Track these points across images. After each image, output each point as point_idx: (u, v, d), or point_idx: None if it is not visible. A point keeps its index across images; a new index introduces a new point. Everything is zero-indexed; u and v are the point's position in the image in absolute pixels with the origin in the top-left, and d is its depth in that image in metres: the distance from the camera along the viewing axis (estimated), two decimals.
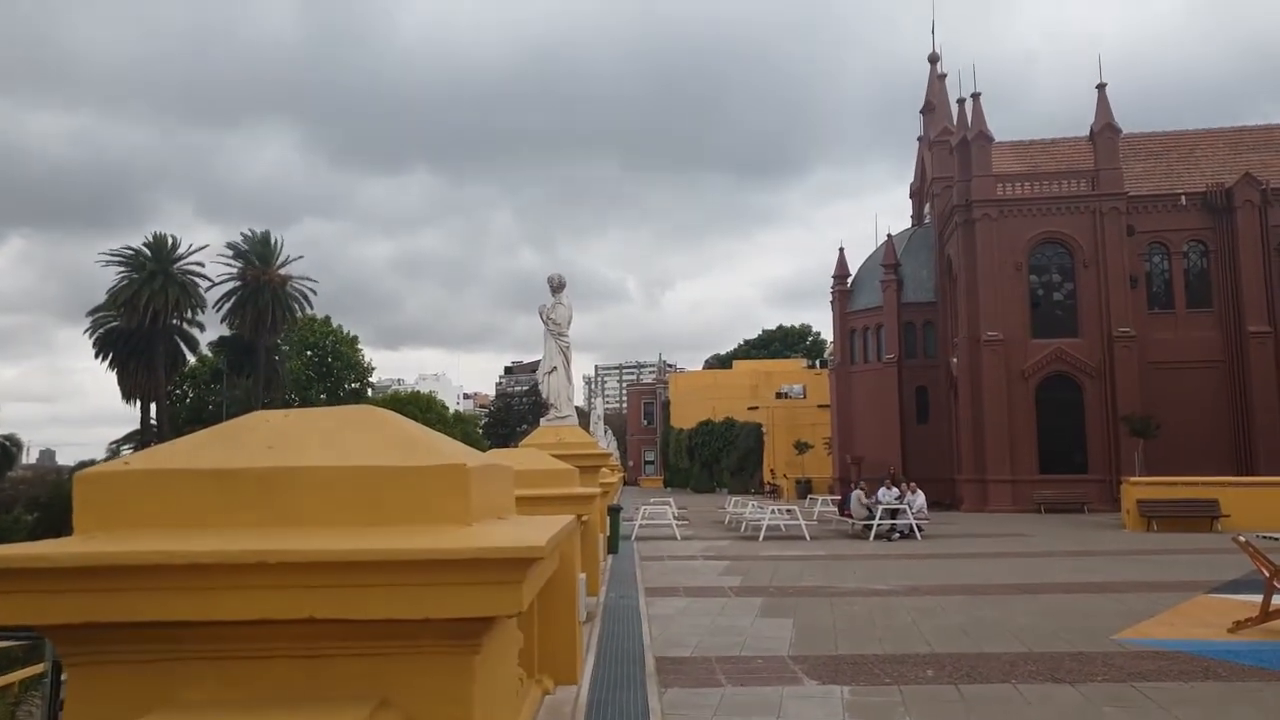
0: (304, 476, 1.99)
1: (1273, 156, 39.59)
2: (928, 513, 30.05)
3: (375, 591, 1.79)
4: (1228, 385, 36.76)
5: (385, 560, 1.79)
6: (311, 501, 1.98)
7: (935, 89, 48.00)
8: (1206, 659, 8.45)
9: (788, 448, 60.11)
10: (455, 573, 1.83)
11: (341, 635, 1.84)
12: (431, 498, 2.05)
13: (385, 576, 1.80)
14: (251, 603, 1.76)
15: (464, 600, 1.84)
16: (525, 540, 1.90)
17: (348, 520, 1.98)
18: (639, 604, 11.88)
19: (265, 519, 1.95)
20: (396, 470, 2.03)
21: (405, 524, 2.00)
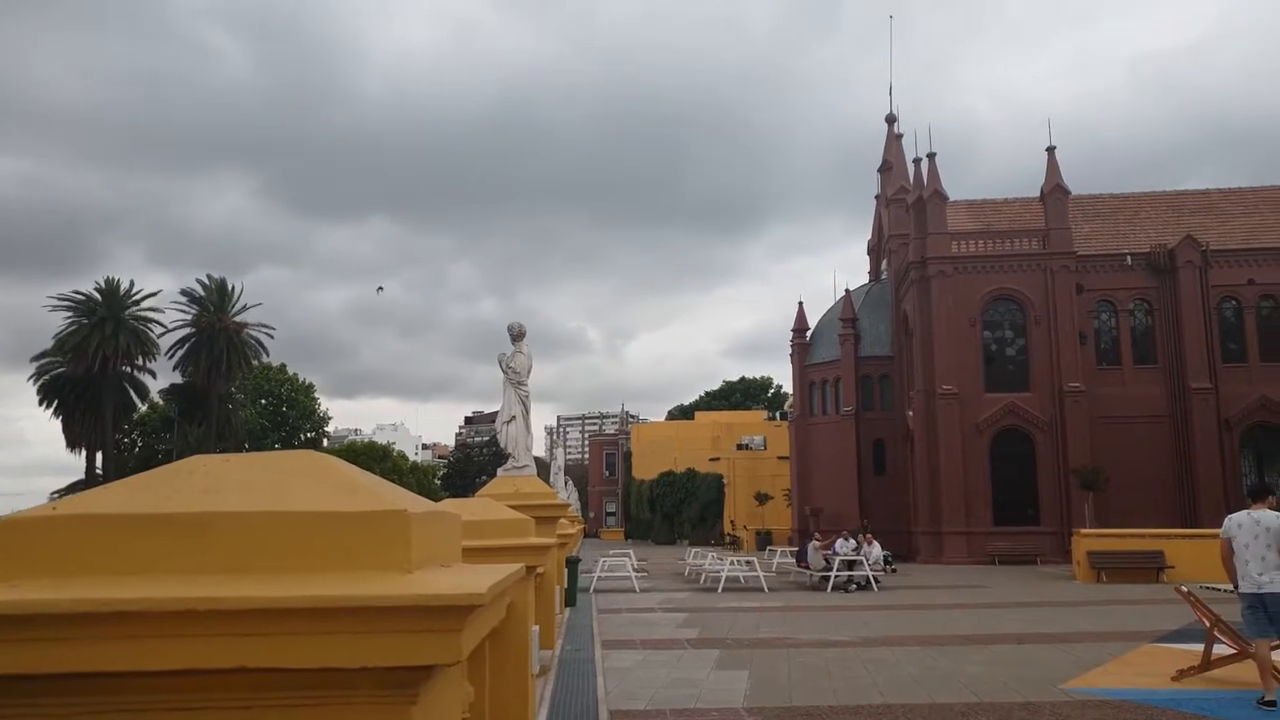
0: (241, 522, 1.98)
1: (1211, 220, 41.05)
2: (884, 564, 30.25)
3: (309, 640, 1.77)
4: (1172, 439, 37.59)
5: (319, 607, 1.78)
6: (248, 547, 1.97)
7: (892, 149, 49.23)
8: (1151, 707, 8.55)
9: (748, 499, 60.12)
10: (393, 620, 1.82)
11: (275, 685, 1.81)
12: (371, 544, 2.04)
13: (319, 624, 1.78)
14: (180, 652, 1.74)
15: (401, 649, 1.83)
16: (466, 587, 1.91)
17: (285, 567, 1.97)
18: (595, 657, 11.74)
19: (200, 565, 1.94)
20: (336, 516, 2.03)
21: (344, 571, 2.00)
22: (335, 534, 2.00)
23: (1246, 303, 38.52)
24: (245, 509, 1.97)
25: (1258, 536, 9.00)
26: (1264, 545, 8.95)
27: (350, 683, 1.84)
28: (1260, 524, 9.03)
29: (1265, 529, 8.97)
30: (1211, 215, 41.55)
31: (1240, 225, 40.78)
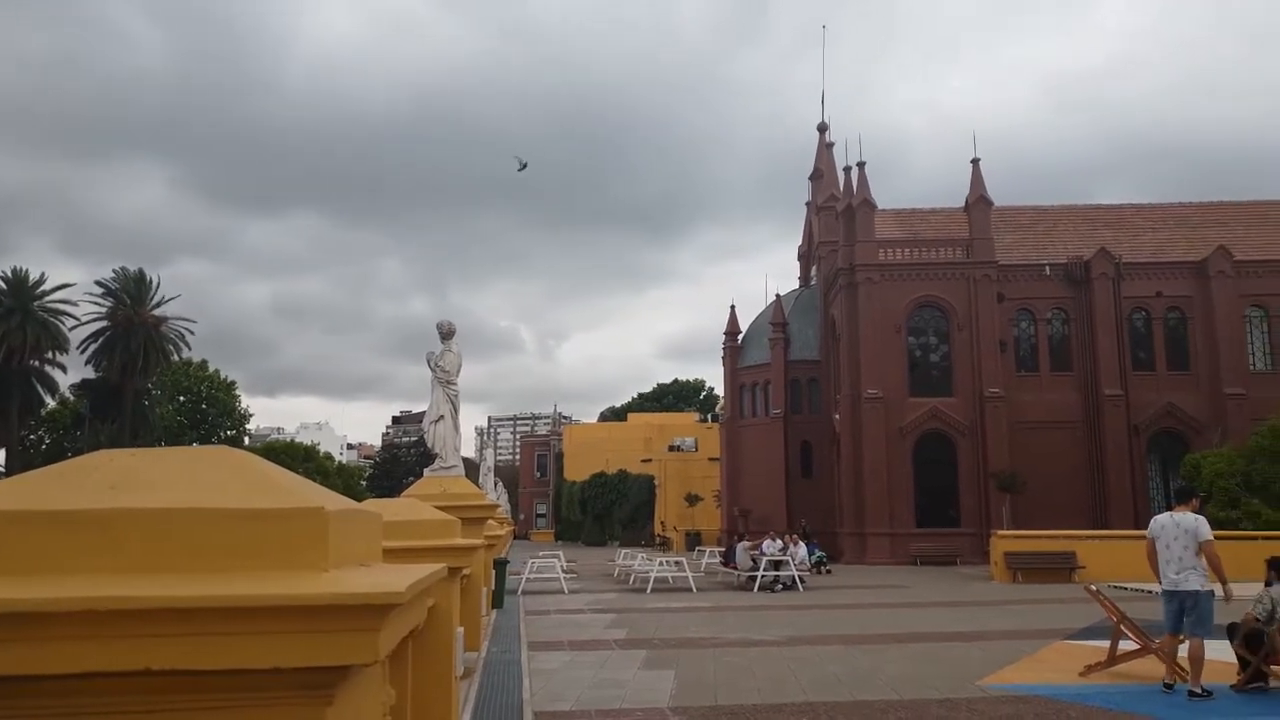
0: (149, 519, 1.93)
1: (1124, 234, 42.69)
2: (810, 565, 30.70)
3: (219, 640, 1.73)
4: (1085, 444, 38.95)
5: (228, 607, 1.74)
6: (157, 546, 1.92)
7: (823, 157, 50.03)
8: (1060, 702, 8.86)
9: (679, 500, 60.44)
10: (308, 620, 1.79)
11: (182, 688, 1.77)
12: (286, 542, 2.00)
13: (229, 624, 1.74)
14: (82, 655, 1.68)
15: (317, 649, 1.80)
16: (384, 586, 1.88)
17: (196, 565, 1.92)
18: (521, 658, 11.68)
19: (106, 564, 1.88)
20: (249, 513, 1.98)
21: (258, 569, 1.95)
22: (249, 532, 1.96)
23: (1155, 314, 40.12)
24: (154, 505, 1.91)
25: (1177, 538, 9.45)
26: (1181, 546, 9.39)
27: (262, 684, 1.80)
28: (1180, 526, 9.48)
29: (1184, 530, 9.41)
30: (1124, 229, 43.20)
31: (1150, 240, 42.48)
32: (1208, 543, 9.29)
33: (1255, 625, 9.32)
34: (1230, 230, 42.21)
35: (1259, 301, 39.87)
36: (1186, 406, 38.93)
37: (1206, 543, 9.29)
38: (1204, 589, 9.24)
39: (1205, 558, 9.28)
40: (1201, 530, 9.37)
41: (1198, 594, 9.25)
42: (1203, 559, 9.29)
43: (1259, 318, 40.01)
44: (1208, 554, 9.27)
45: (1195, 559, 9.29)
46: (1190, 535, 9.35)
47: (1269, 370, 39.23)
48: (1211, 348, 39.17)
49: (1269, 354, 39.85)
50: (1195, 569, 9.29)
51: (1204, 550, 9.28)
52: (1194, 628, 9.23)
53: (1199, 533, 9.33)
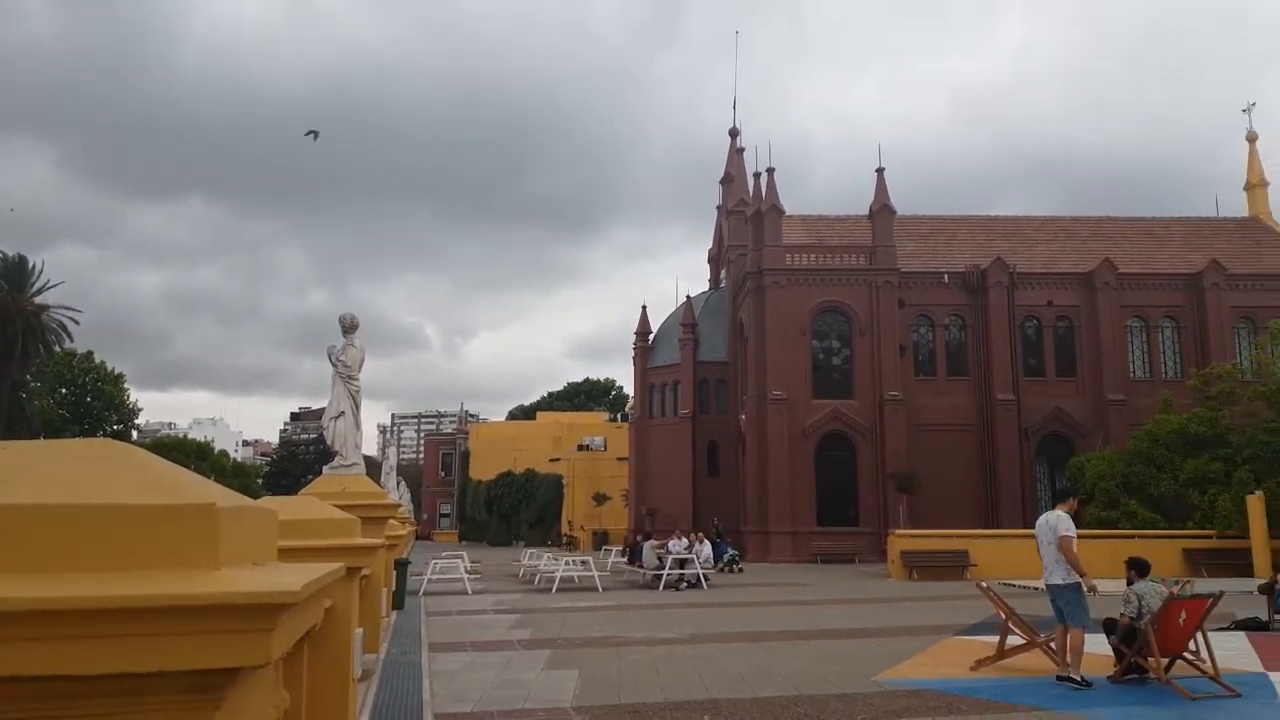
0: (23, 516, 1.83)
1: (1019, 244, 44.50)
2: (723, 564, 31.12)
3: (99, 644, 1.65)
4: (978, 446, 40.46)
5: (109, 608, 1.66)
6: (32, 544, 1.82)
7: (734, 162, 50.69)
8: (952, 695, 9.18)
9: (587, 500, 60.36)
10: (195, 620, 1.72)
11: (57, 694, 1.68)
12: (174, 539, 1.93)
13: (110, 626, 1.67)
14: None
15: (205, 651, 1.74)
16: (278, 585, 1.83)
17: (78, 565, 1.83)
18: (422, 660, 11.50)
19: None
20: (135, 509, 1.90)
21: (144, 568, 1.88)
22: (134, 529, 1.88)
23: (1046, 322, 41.94)
24: (29, 501, 1.82)
25: (1046, 536, 10.05)
26: (1047, 543, 10.04)
27: (145, 689, 1.73)
28: (1048, 524, 10.07)
29: (1050, 529, 10.02)
30: (1018, 240, 45.04)
31: (1042, 251, 44.39)
32: (1062, 538, 9.86)
33: (1129, 623, 9.82)
34: (1115, 244, 44.44)
35: (1139, 312, 42.07)
36: (1073, 411, 40.80)
37: (1062, 538, 9.87)
38: (1065, 582, 9.83)
39: (1063, 553, 9.83)
40: (1059, 527, 9.95)
41: (1061, 587, 9.87)
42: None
43: (1139, 328, 42.22)
44: (1062, 549, 9.83)
45: (1059, 555, 9.86)
46: (1053, 533, 9.96)
47: (1147, 378, 41.42)
48: (1096, 355, 41.16)
49: (1147, 362, 42.09)
50: (1059, 564, 9.88)
51: (1060, 545, 9.84)
52: (1066, 619, 9.81)
53: (1056, 529, 9.94)
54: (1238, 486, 28.48)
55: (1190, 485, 30.13)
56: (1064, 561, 9.84)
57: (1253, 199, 49.38)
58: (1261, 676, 10.33)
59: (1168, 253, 44.47)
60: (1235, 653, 11.54)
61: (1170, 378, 40.67)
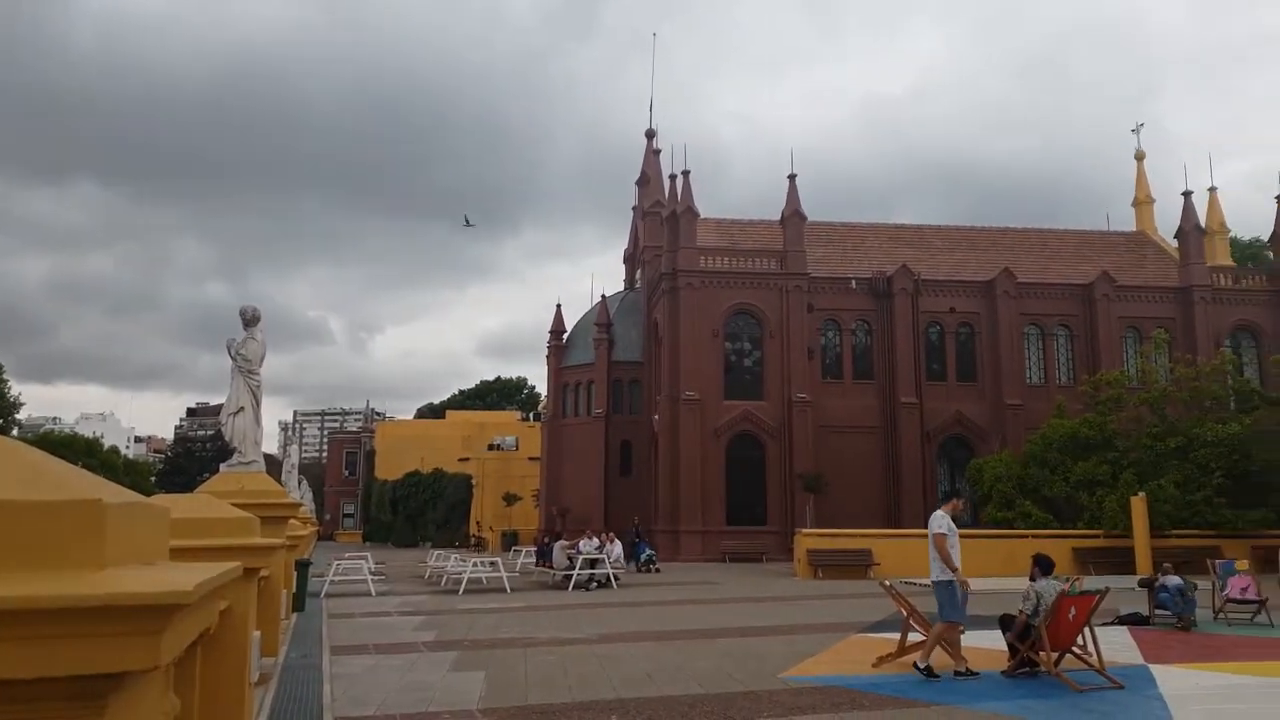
0: None
1: (923, 252, 45.89)
2: (640, 564, 31.21)
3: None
4: (883, 448, 41.56)
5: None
6: None
7: (650, 163, 50.89)
8: (854, 691, 9.40)
9: (497, 500, 59.84)
10: (79, 623, 1.64)
11: None
12: (58, 538, 1.83)
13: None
14: None
15: (89, 655, 1.65)
16: (168, 585, 1.75)
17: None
18: (322, 663, 11.21)
19: None
20: (15, 505, 1.80)
21: (23, 568, 1.78)
22: (14, 527, 1.77)
23: (948, 328, 43.33)
24: None
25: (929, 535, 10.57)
26: (930, 542, 10.50)
27: (24, 695, 1.64)
28: (930, 523, 10.60)
29: (930, 528, 10.56)
30: (923, 248, 46.45)
31: (946, 259, 45.86)
32: (935, 535, 10.37)
33: (1026, 620, 10.19)
34: (1013, 254, 46.21)
35: (1035, 320, 43.83)
36: (973, 415, 42.25)
37: (935, 535, 10.38)
38: (939, 579, 10.31)
39: (936, 550, 10.33)
40: (935, 526, 10.47)
41: (936, 583, 10.37)
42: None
43: (1035, 335, 43.98)
44: (936, 546, 10.33)
45: (934, 551, 10.39)
46: (930, 530, 10.52)
47: (1042, 384, 43.17)
48: (995, 361, 42.71)
49: (1042, 368, 43.88)
50: (935, 561, 10.39)
51: (934, 543, 10.36)
52: (938, 613, 10.32)
53: (931, 527, 10.48)
54: (1123, 488, 29.93)
55: (1080, 487, 31.53)
56: (939, 558, 10.32)
57: (1140, 215, 52.00)
58: (1143, 668, 10.85)
59: (1062, 264, 46.45)
60: (1119, 646, 12.12)
61: (1063, 383, 42.47)
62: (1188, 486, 30.22)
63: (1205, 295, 43.59)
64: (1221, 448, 30.64)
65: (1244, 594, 15.79)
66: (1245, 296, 44.34)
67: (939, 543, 10.33)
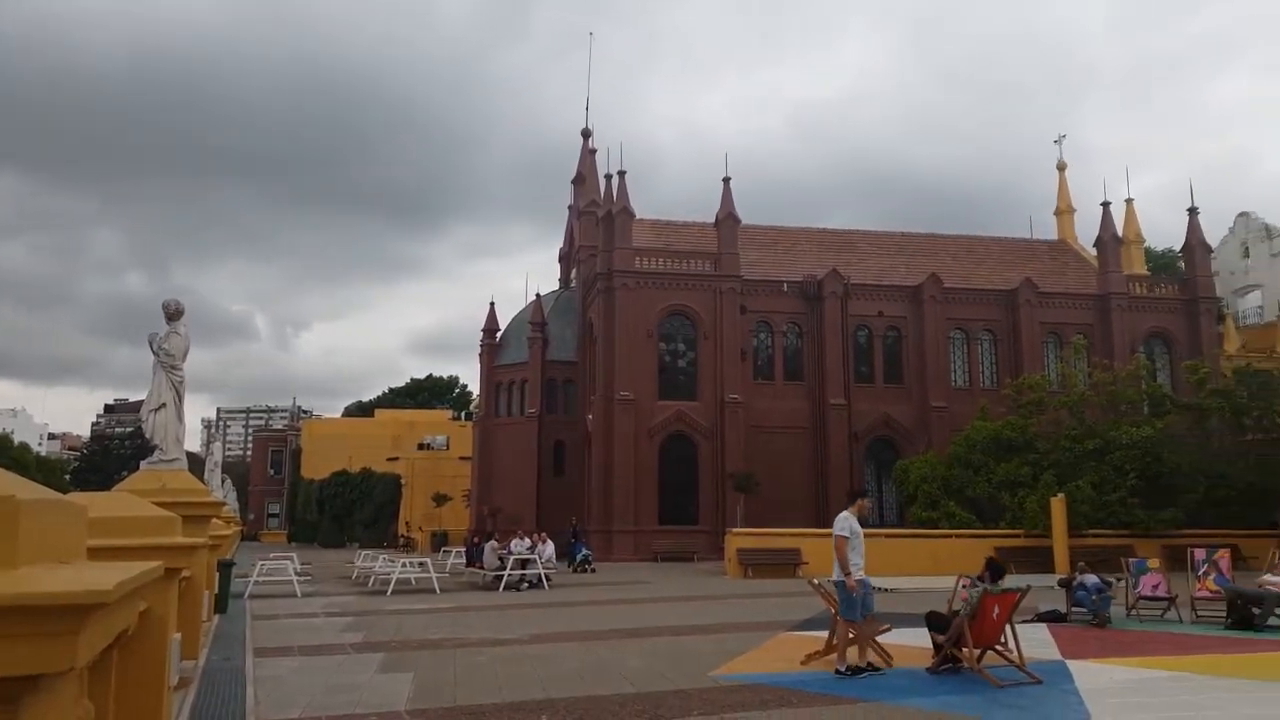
0: None
1: (853, 257, 46.73)
2: (576, 564, 31.10)
3: None
4: (812, 448, 42.17)
5: None
6: None
7: (586, 162, 50.86)
8: (783, 689, 9.52)
9: (426, 500, 59.12)
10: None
11: None
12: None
13: None
14: None
15: (1, 656, 1.59)
16: (84, 585, 1.70)
17: None
18: (246, 666, 10.95)
19: None
20: None
21: None
22: None
23: (876, 331, 44.17)
24: None
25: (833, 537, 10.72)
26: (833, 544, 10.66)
27: None
28: (833, 527, 10.78)
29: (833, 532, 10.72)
30: (853, 253, 47.30)
31: (875, 264, 46.75)
32: (836, 538, 10.57)
33: (963, 620, 10.40)
34: (940, 260, 47.34)
35: (960, 325, 44.95)
36: (899, 417, 43.13)
37: (835, 538, 10.57)
38: (839, 579, 10.47)
39: (835, 551, 10.52)
40: (836, 527, 10.68)
41: (837, 583, 10.52)
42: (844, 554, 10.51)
43: (960, 339, 45.10)
44: (835, 548, 10.53)
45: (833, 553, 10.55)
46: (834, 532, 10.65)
47: (966, 387, 44.28)
48: (921, 364, 43.68)
49: (967, 372, 45.00)
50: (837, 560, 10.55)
51: (835, 545, 10.55)
52: (840, 613, 10.46)
53: (834, 529, 10.69)
54: (1043, 489, 30.84)
55: (1002, 488, 32.41)
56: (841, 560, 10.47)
57: (1062, 224, 53.74)
58: (1060, 664, 11.20)
59: (987, 270, 47.73)
60: (1038, 643, 12.49)
61: (987, 387, 43.64)
62: (1104, 488, 31.29)
63: (1122, 303, 45.23)
64: (1136, 450, 31.81)
65: (1155, 591, 16.43)
66: (1159, 305, 46.10)
67: (838, 545, 10.49)
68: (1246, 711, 8.45)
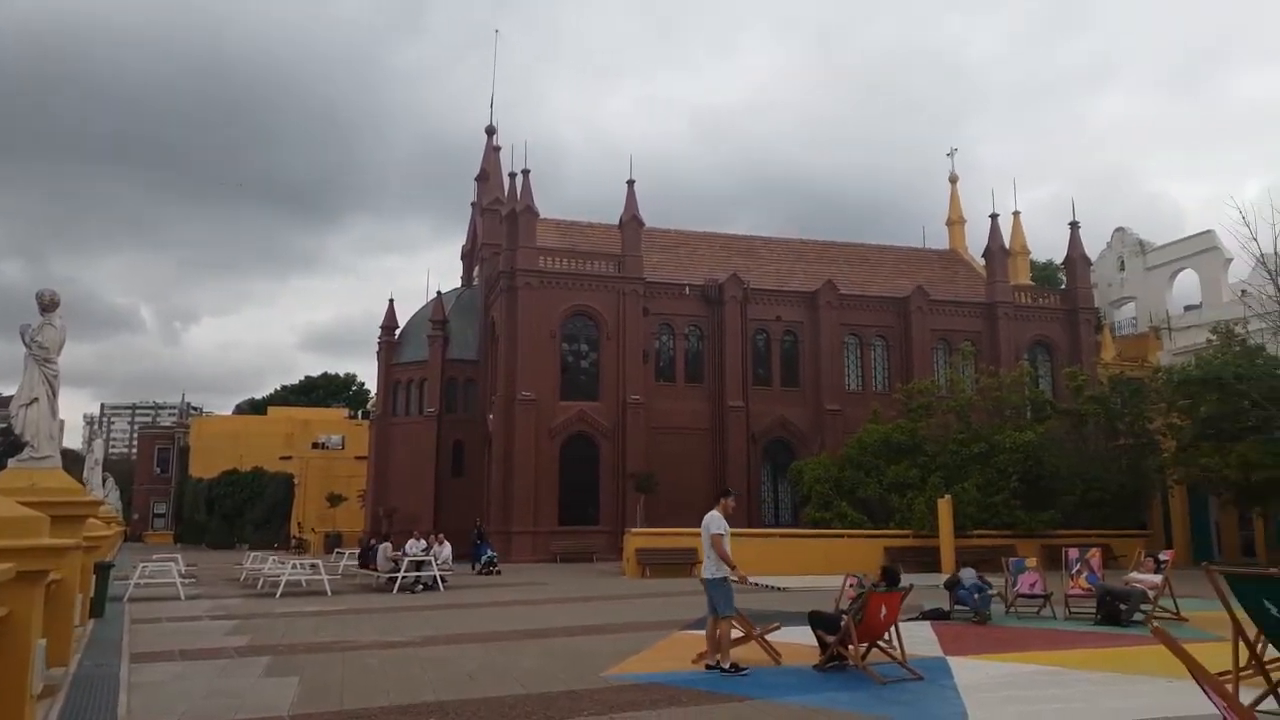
0: None
1: (752, 262, 47.60)
2: (481, 566, 30.69)
3: None
4: (711, 449, 42.75)
5: None
6: None
7: (490, 159, 50.42)
8: (674, 688, 9.64)
9: (320, 500, 57.67)
10: None
11: None
12: None
13: None
14: None
15: None
16: None
17: None
18: (121, 672, 10.49)
19: None
20: None
21: None
22: None
23: (774, 336, 45.05)
24: None
25: (704, 534, 10.91)
26: (704, 541, 10.89)
27: None
28: (704, 523, 10.95)
29: (705, 528, 10.91)
30: (753, 258, 48.16)
31: (774, 269, 47.70)
32: (713, 536, 10.78)
33: (851, 619, 10.69)
34: (836, 266, 48.61)
35: (854, 330, 46.21)
36: (795, 419, 44.08)
37: (712, 536, 10.78)
38: (715, 576, 10.67)
39: (714, 549, 10.72)
40: (710, 526, 10.84)
41: (711, 581, 10.71)
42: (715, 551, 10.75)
43: (854, 344, 46.36)
44: (713, 546, 10.74)
45: (710, 550, 10.78)
46: (707, 531, 10.85)
47: (859, 390, 45.54)
48: (816, 368, 44.74)
49: (860, 376, 46.29)
50: (709, 559, 10.79)
51: (711, 543, 10.76)
52: (717, 610, 10.62)
53: (709, 528, 10.84)
54: (931, 491, 31.97)
55: (892, 489, 33.45)
56: (714, 556, 10.70)
57: (953, 234, 55.82)
58: (941, 660, 11.62)
59: (881, 277, 49.22)
60: (921, 640, 12.94)
61: (879, 391, 44.98)
62: (988, 489, 32.61)
63: (1008, 311, 47.23)
64: (1018, 453, 33.26)
65: (1032, 589, 17.21)
66: (1042, 314, 48.31)
67: (716, 543, 10.66)
68: (1110, 704, 8.92)
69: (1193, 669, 4.50)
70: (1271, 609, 7.22)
